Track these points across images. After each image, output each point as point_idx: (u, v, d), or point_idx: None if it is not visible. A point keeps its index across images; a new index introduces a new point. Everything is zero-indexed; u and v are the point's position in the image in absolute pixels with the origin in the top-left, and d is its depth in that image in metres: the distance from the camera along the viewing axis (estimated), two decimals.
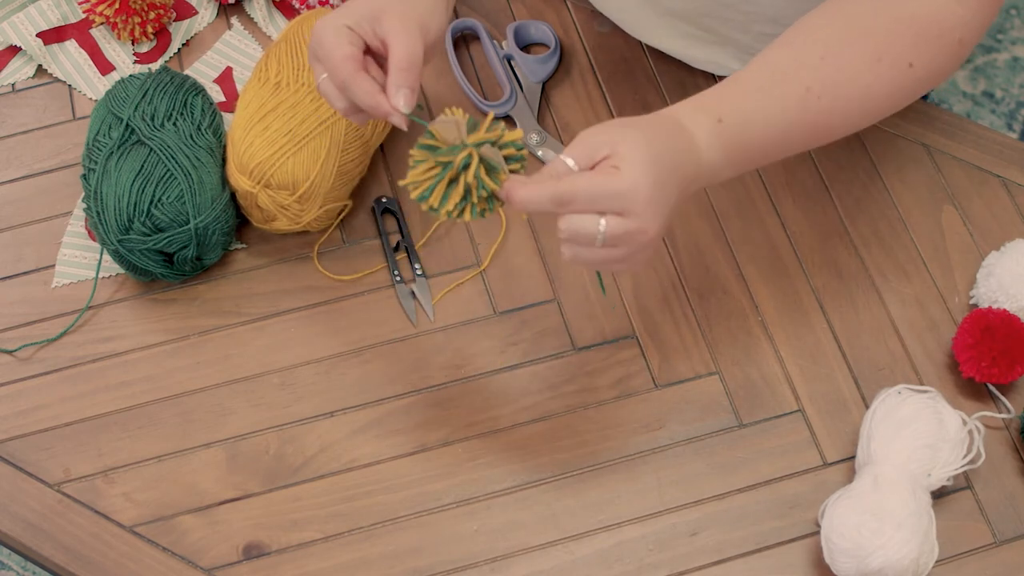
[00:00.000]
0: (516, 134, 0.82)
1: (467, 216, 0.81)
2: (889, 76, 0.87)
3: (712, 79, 1.12)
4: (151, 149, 0.98)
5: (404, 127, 0.85)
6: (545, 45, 1.15)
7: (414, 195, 0.82)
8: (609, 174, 0.78)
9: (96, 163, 0.99)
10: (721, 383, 0.98)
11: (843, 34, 0.87)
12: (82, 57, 1.14)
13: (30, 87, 1.13)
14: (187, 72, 1.13)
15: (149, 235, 0.96)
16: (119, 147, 0.99)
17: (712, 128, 0.84)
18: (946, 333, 1.00)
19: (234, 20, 1.16)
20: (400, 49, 0.85)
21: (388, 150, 1.09)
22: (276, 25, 1.16)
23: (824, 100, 0.86)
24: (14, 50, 1.14)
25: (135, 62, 1.13)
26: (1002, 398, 0.97)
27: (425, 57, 0.87)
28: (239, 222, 1.03)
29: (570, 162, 0.79)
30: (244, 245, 1.04)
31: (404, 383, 0.98)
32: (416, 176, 0.82)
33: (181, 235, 0.97)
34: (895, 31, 0.86)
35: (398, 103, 0.84)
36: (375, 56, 0.88)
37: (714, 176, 0.85)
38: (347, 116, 0.88)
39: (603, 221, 0.78)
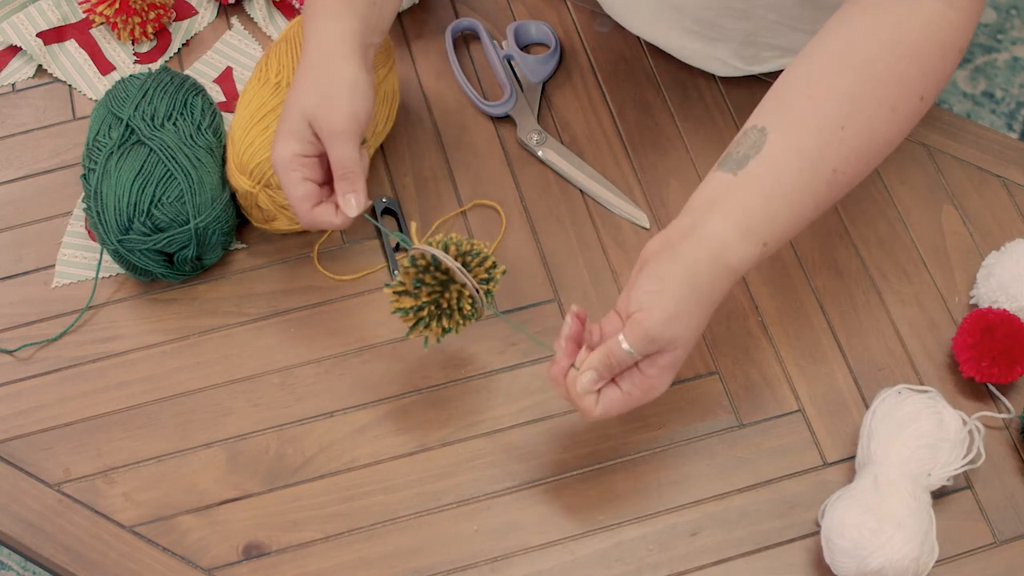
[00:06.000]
0: (481, 248, 0.91)
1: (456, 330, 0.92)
2: (904, 118, 0.86)
3: (711, 79, 1.12)
4: (151, 149, 0.98)
5: (347, 224, 0.92)
6: (545, 45, 1.15)
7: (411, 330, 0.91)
8: (646, 388, 0.84)
9: (96, 163, 0.99)
10: (721, 383, 0.98)
11: (858, 87, 0.84)
12: (82, 57, 1.14)
13: (30, 87, 1.13)
14: (187, 72, 1.13)
15: (149, 235, 0.96)
16: (119, 147, 0.99)
17: (759, 254, 0.84)
18: (946, 333, 1.00)
19: (234, 20, 1.16)
20: (335, 159, 0.91)
21: (388, 151, 1.09)
22: (276, 25, 1.16)
23: (847, 174, 0.85)
24: (14, 50, 1.14)
25: (135, 62, 1.13)
26: (1002, 398, 0.97)
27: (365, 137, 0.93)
28: (239, 222, 1.03)
29: (627, 347, 0.82)
30: (244, 245, 1.04)
31: (404, 383, 0.98)
32: (408, 314, 0.90)
33: (181, 235, 0.97)
34: (904, 72, 0.85)
35: (348, 211, 0.91)
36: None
37: None
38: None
39: None
